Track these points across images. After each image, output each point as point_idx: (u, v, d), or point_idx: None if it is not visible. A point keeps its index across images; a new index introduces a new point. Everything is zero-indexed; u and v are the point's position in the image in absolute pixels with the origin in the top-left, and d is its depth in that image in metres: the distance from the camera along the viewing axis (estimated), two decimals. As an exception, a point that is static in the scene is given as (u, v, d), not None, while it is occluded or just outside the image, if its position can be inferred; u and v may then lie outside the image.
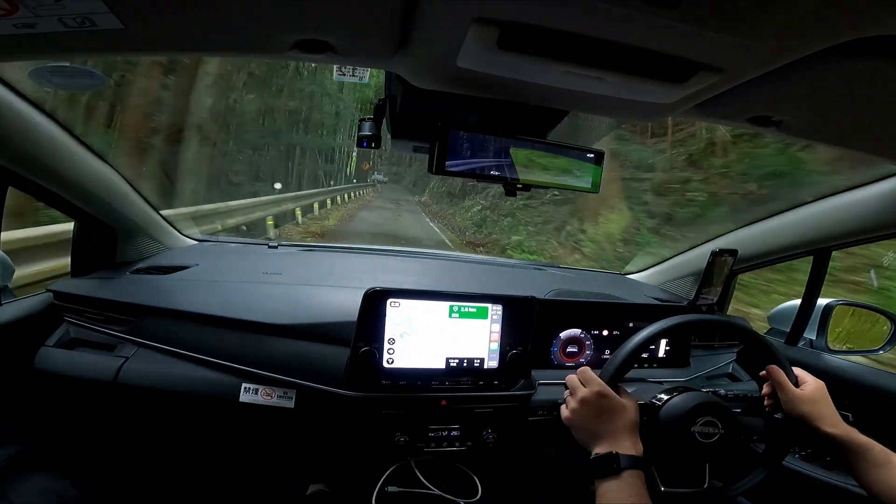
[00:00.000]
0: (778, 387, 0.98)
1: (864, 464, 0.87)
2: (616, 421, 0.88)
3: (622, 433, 0.87)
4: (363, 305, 1.10)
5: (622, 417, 0.88)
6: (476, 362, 1.18)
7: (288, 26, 0.62)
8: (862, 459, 0.87)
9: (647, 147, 8.63)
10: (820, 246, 1.36)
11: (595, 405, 0.90)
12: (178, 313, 1.22)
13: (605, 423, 0.88)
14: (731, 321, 1.10)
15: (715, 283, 1.42)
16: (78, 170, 1.12)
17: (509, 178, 0.88)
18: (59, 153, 1.05)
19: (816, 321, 1.47)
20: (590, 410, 0.90)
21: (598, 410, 0.89)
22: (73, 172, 1.11)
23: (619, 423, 0.88)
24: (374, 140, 0.95)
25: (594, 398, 0.90)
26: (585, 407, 0.91)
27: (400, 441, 1.14)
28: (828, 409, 0.93)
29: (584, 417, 0.91)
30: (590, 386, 0.92)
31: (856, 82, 0.68)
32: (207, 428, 1.32)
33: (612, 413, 0.89)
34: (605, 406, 0.89)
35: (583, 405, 0.91)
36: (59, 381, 1.17)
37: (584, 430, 0.91)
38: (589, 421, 0.90)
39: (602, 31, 0.57)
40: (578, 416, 0.92)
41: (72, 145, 1.07)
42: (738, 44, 0.56)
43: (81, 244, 1.37)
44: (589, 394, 0.91)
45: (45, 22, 0.54)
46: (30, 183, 1.07)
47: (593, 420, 0.90)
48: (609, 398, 0.90)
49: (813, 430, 0.92)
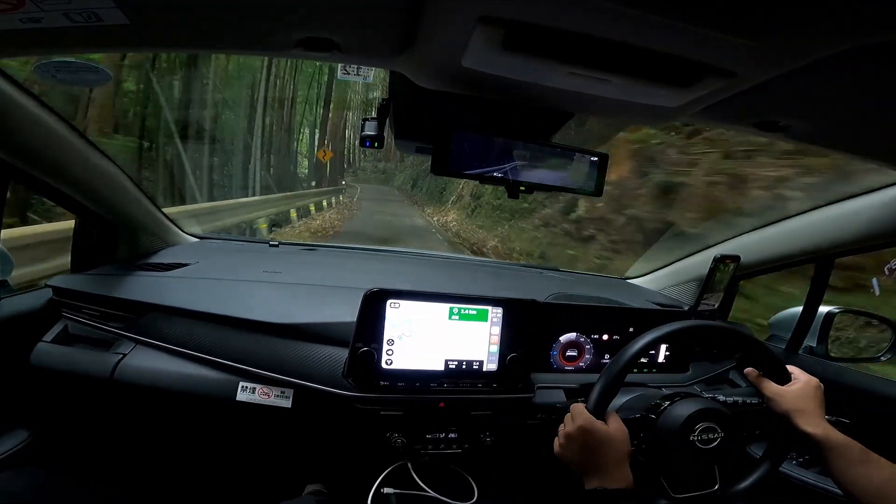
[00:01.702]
0: (759, 387, 1.00)
1: (841, 462, 0.87)
2: (602, 454, 0.88)
3: (609, 466, 0.86)
4: (363, 306, 1.10)
5: (609, 450, 0.88)
6: (475, 365, 1.18)
7: (293, 24, 0.61)
8: (839, 457, 0.87)
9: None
10: (823, 253, 1.36)
11: (579, 441, 0.89)
12: (177, 311, 1.21)
13: (591, 456, 0.88)
14: (720, 326, 1.10)
15: (717, 288, 1.42)
16: (79, 165, 1.12)
17: (512, 180, 0.88)
18: (60, 148, 1.05)
19: (817, 329, 1.47)
20: (575, 446, 0.90)
21: (584, 446, 0.89)
22: (74, 168, 1.11)
23: (607, 457, 0.87)
24: (378, 140, 0.94)
25: (578, 434, 0.89)
26: (571, 443, 0.90)
27: (397, 442, 1.14)
28: (812, 407, 0.93)
29: (572, 452, 0.90)
30: (575, 421, 0.91)
31: (863, 88, 0.68)
32: (204, 426, 1.31)
33: (598, 447, 0.88)
34: (590, 441, 0.88)
35: (568, 440, 0.91)
36: (55, 377, 1.16)
37: (573, 464, 0.91)
38: (576, 455, 0.90)
39: (609, 32, 0.56)
40: (566, 451, 0.92)
41: (74, 141, 1.06)
42: (748, 47, 0.55)
43: (82, 240, 1.36)
44: (573, 430, 0.90)
45: (51, 17, 0.54)
46: (31, 178, 1.07)
47: (579, 454, 0.89)
48: (593, 433, 0.89)
49: (792, 427, 0.93)
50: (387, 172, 39.67)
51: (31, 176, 1.06)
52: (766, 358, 1.00)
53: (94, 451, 1.35)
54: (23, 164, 1.02)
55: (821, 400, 0.95)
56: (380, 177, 39.99)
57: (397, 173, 36.56)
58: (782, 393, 0.96)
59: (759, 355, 1.02)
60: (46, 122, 0.98)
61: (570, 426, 0.91)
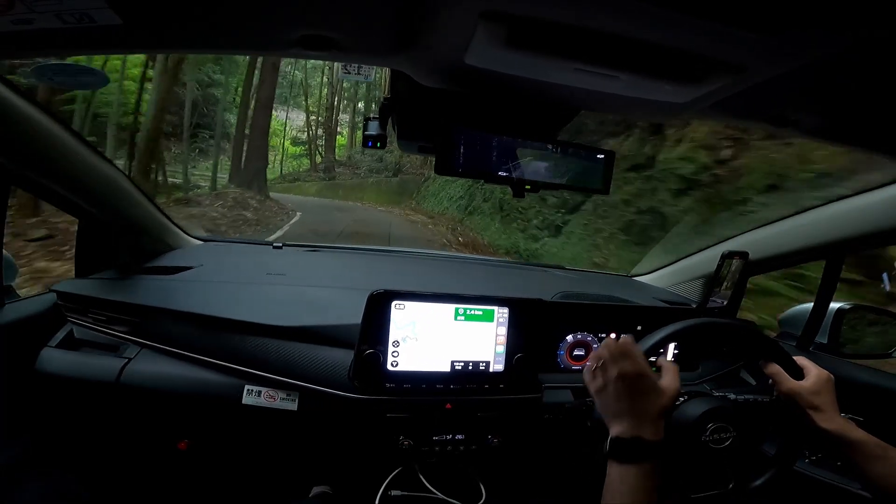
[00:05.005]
0: (775, 381, 0.96)
1: (859, 458, 0.85)
2: (647, 403, 0.81)
3: (649, 417, 0.80)
4: (367, 307, 1.09)
5: (655, 402, 0.82)
6: (482, 365, 1.17)
7: (292, 22, 0.60)
8: (857, 454, 0.85)
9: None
10: (832, 249, 1.34)
11: (630, 384, 0.82)
12: (182, 314, 1.21)
13: (635, 403, 0.81)
14: (728, 323, 1.08)
15: (725, 285, 1.40)
16: (82, 169, 1.11)
17: (517, 179, 0.86)
18: (62, 153, 1.04)
19: (828, 325, 1.45)
20: (622, 387, 0.82)
21: (632, 390, 0.82)
22: (76, 172, 1.10)
23: (650, 407, 0.81)
24: (380, 139, 0.93)
25: (633, 377, 0.82)
26: (620, 383, 0.82)
27: (404, 444, 1.13)
28: (827, 403, 0.91)
29: (614, 393, 0.83)
30: (631, 362, 0.83)
31: (874, 81, 0.66)
32: (210, 430, 1.31)
33: (646, 395, 0.82)
34: (641, 387, 0.82)
35: (618, 380, 0.82)
36: (61, 382, 1.16)
37: (608, 405, 0.84)
38: (618, 397, 0.82)
39: (615, 27, 0.55)
40: (608, 391, 0.84)
41: (74, 145, 1.06)
42: (757, 41, 0.54)
43: (85, 244, 1.36)
44: (630, 370, 0.82)
45: (43, 18, 0.53)
46: (33, 182, 1.06)
47: (623, 397, 0.82)
48: (647, 379, 0.82)
49: (809, 424, 0.90)
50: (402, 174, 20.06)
51: (33, 180, 1.06)
52: (778, 356, 0.98)
53: (100, 455, 1.35)
54: (25, 168, 1.01)
55: (834, 394, 0.93)
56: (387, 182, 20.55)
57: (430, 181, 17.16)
58: (797, 389, 0.93)
59: (770, 353, 1.00)
60: (46, 126, 0.97)
61: (626, 366, 0.83)
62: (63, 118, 1.01)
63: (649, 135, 6.08)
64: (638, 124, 6.24)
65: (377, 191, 20.53)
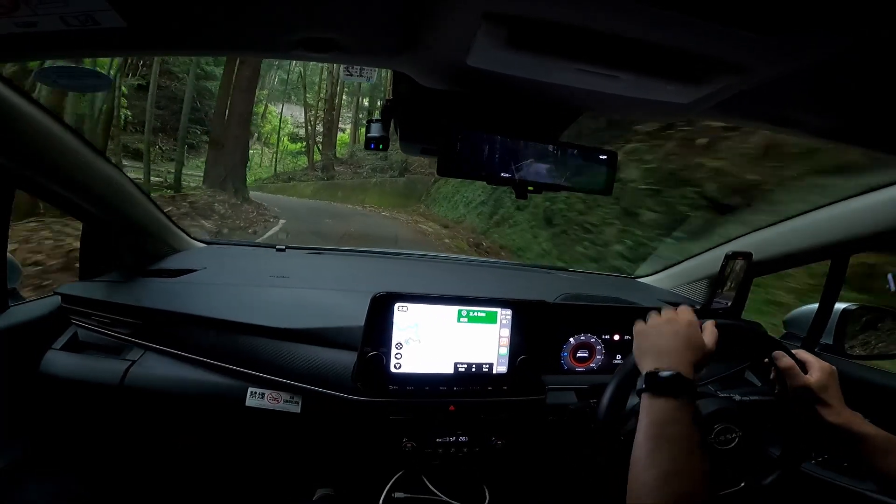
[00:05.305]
0: (786, 373, 0.93)
1: (868, 452, 0.84)
2: (691, 348, 0.84)
3: (690, 360, 0.82)
4: (370, 310, 1.09)
5: (698, 349, 0.85)
6: (485, 367, 1.16)
7: (294, 23, 0.60)
8: (866, 448, 0.84)
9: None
10: (837, 249, 1.33)
11: (677, 329, 0.86)
12: (186, 317, 1.21)
13: (678, 344, 0.84)
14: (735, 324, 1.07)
15: (729, 286, 1.39)
16: (85, 172, 1.12)
17: (519, 180, 0.86)
18: (65, 155, 1.04)
19: (833, 326, 1.44)
20: (671, 329, 0.86)
21: (678, 334, 0.86)
22: (80, 174, 1.11)
23: (692, 351, 0.84)
24: (383, 141, 0.93)
25: (684, 323, 0.87)
26: (670, 325, 0.87)
27: (407, 447, 1.13)
28: (834, 397, 0.89)
29: (660, 333, 0.87)
30: (683, 314, 0.89)
31: (877, 81, 0.66)
32: (213, 432, 1.31)
33: (691, 341, 0.85)
34: (689, 334, 0.86)
35: (668, 323, 0.88)
36: (65, 384, 1.16)
37: (651, 343, 0.87)
38: (664, 337, 0.86)
39: (617, 27, 0.55)
40: (655, 330, 0.88)
41: (78, 147, 1.06)
42: (760, 42, 0.53)
43: (89, 247, 1.36)
44: (681, 317, 0.88)
45: (47, 20, 0.54)
46: (37, 185, 1.07)
47: (669, 338, 0.86)
48: (695, 329, 0.87)
49: (816, 419, 0.89)
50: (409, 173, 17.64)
51: (36, 183, 1.06)
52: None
53: (105, 459, 1.35)
54: (28, 171, 1.02)
55: (839, 387, 0.91)
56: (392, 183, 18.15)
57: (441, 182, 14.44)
58: (805, 383, 0.91)
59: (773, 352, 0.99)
60: (49, 128, 0.98)
61: (677, 314, 0.90)
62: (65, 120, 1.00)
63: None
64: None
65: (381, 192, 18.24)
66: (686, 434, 0.73)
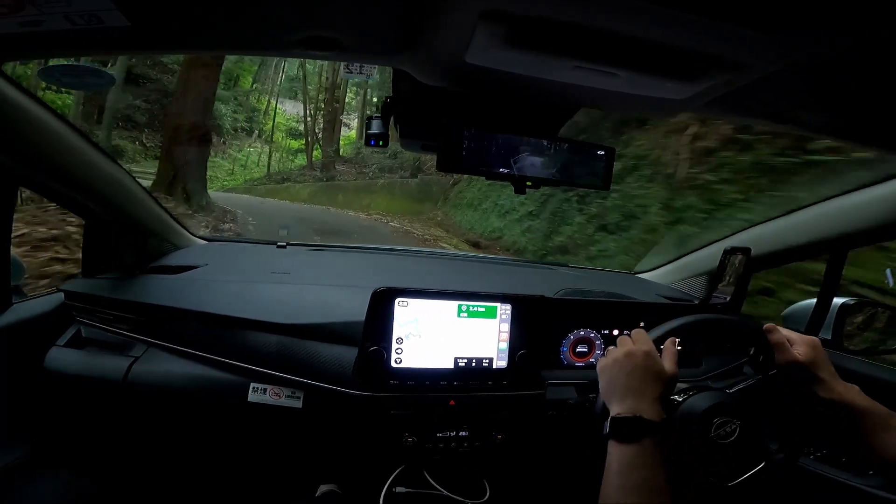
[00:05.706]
0: (777, 348, 0.94)
1: (867, 427, 0.83)
2: (649, 382, 0.85)
3: (649, 397, 0.84)
4: (371, 305, 1.10)
5: (656, 382, 0.86)
6: (485, 362, 1.17)
7: (295, 22, 0.61)
8: (864, 423, 0.84)
9: None
10: (836, 244, 1.34)
11: (635, 362, 0.87)
12: (188, 313, 1.22)
13: (637, 381, 0.86)
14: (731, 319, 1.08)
15: (728, 281, 1.40)
16: (87, 170, 1.12)
17: (518, 176, 0.87)
18: (68, 153, 1.05)
19: (832, 321, 1.45)
20: (628, 364, 0.88)
21: (636, 368, 0.87)
22: (82, 172, 1.11)
23: (650, 386, 0.85)
24: (383, 138, 0.94)
25: (640, 355, 0.88)
26: (628, 359, 0.88)
27: (408, 441, 1.14)
28: (824, 370, 0.89)
29: (620, 370, 0.88)
30: (639, 343, 0.91)
31: (875, 79, 0.67)
32: (216, 427, 1.32)
33: (648, 374, 0.86)
34: (646, 365, 0.87)
35: (626, 357, 0.89)
36: (68, 380, 1.17)
37: (612, 384, 0.88)
38: (623, 375, 0.87)
39: (614, 24, 0.55)
40: (615, 367, 0.89)
41: (80, 145, 1.07)
42: (756, 38, 0.54)
43: (92, 244, 1.37)
44: (637, 349, 0.89)
45: (52, 20, 0.54)
46: (40, 183, 1.08)
47: (627, 375, 0.87)
48: (653, 359, 0.88)
49: (812, 397, 0.89)
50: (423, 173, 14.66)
51: (39, 180, 1.07)
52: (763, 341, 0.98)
53: (108, 455, 1.36)
54: (30, 169, 1.02)
55: (828, 361, 0.91)
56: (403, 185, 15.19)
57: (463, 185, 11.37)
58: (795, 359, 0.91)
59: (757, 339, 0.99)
60: (52, 126, 0.98)
61: (634, 347, 0.90)
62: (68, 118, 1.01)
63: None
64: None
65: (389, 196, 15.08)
66: (650, 476, 0.75)
